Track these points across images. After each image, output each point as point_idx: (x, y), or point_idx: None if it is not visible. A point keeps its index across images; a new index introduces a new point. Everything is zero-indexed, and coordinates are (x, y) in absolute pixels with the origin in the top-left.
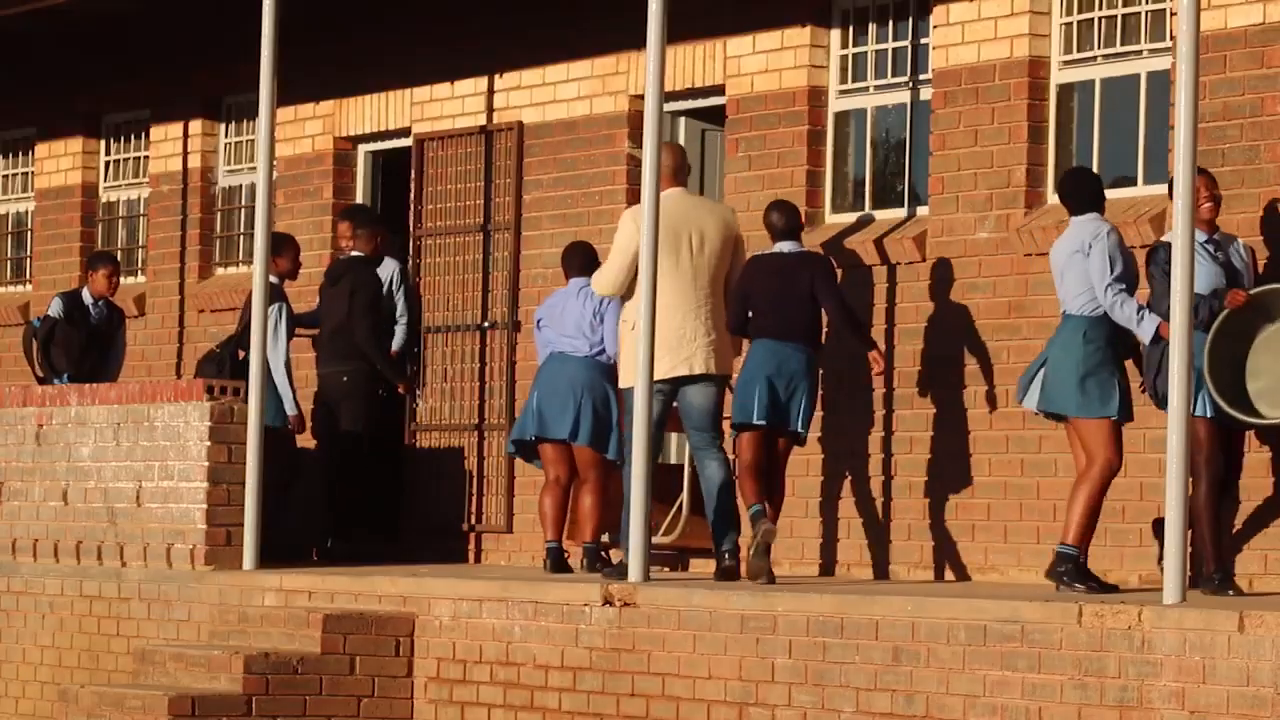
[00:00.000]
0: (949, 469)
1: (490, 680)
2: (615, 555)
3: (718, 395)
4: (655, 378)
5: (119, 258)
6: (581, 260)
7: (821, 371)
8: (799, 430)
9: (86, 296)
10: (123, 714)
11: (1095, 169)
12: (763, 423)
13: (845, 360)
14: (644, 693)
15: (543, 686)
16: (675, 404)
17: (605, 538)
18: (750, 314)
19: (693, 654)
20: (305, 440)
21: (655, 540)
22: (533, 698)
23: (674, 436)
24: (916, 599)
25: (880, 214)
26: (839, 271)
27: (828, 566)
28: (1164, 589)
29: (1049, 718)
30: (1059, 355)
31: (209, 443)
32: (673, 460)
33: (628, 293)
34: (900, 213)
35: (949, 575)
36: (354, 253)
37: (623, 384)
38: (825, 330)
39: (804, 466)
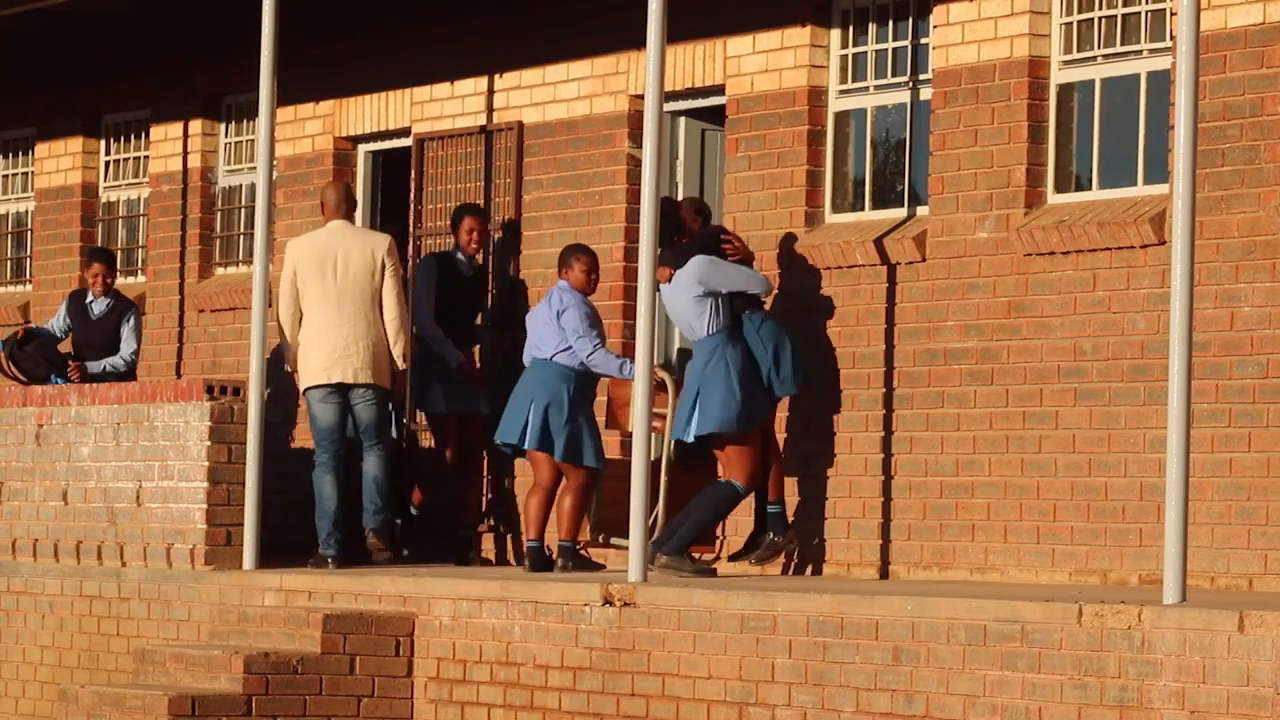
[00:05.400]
0: (949, 469)
1: (490, 680)
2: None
3: (377, 401)
4: (313, 383)
5: (118, 258)
6: (569, 260)
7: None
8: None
9: (90, 296)
10: (123, 714)
11: (1095, 169)
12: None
13: (849, 362)
14: (644, 693)
15: (543, 686)
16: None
17: (602, 538)
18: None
19: (693, 654)
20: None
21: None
22: (533, 698)
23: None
24: (916, 599)
25: (880, 214)
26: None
27: (829, 566)
28: (1164, 589)
29: (1049, 718)
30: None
31: (209, 443)
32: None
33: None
34: (900, 213)
35: (949, 575)
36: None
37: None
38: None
39: (805, 467)
